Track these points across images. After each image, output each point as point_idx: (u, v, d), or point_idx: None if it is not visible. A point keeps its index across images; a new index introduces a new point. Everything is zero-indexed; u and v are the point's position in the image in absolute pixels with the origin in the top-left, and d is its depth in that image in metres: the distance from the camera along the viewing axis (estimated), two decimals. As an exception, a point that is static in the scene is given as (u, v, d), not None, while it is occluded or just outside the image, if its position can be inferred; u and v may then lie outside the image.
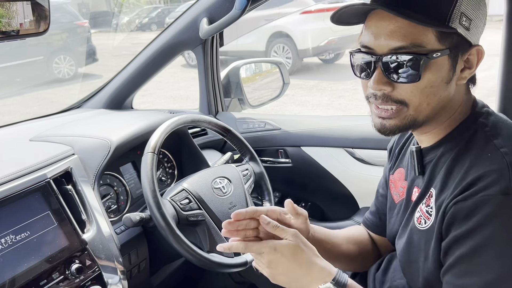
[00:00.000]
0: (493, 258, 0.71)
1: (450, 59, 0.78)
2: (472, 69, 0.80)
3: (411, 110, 0.80)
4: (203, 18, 1.56)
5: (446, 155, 0.83)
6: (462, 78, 0.81)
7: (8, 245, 0.95)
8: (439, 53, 0.76)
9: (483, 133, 0.80)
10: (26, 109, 6.28)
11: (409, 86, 0.78)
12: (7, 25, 0.73)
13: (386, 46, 0.77)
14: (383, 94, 0.80)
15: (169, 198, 1.16)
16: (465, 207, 0.73)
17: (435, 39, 0.76)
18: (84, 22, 9.08)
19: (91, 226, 1.10)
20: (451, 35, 0.76)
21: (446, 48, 0.76)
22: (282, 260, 0.83)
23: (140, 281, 1.32)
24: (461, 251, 0.74)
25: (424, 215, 0.85)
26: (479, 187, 0.72)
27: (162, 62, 1.73)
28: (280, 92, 2.06)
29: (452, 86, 0.80)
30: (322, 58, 8.10)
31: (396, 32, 0.76)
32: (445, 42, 0.76)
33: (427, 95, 0.78)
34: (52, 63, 8.15)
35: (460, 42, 0.77)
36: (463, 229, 0.74)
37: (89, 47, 8.73)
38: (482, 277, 0.72)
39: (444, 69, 0.78)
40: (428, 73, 0.76)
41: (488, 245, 0.71)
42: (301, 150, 1.70)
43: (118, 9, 14.29)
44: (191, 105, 6.15)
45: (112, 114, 1.74)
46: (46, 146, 1.25)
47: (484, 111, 0.84)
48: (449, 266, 0.77)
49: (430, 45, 0.76)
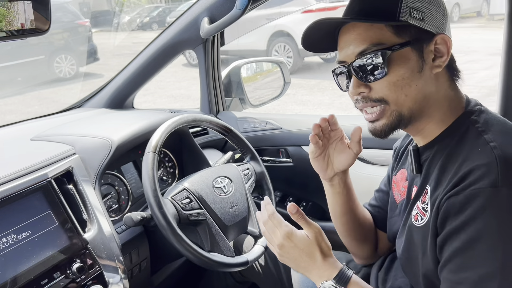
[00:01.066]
0: (486, 251, 0.72)
1: (414, 50, 0.82)
2: (444, 57, 0.83)
3: (393, 106, 0.84)
4: (204, 17, 1.56)
5: (440, 152, 0.85)
6: (436, 66, 0.83)
7: (10, 244, 0.95)
8: (399, 46, 0.80)
9: (474, 129, 0.81)
10: (27, 109, 6.28)
11: (382, 83, 0.83)
12: (9, 24, 0.73)
13: (352, 54, 0.85)
14: (362, 96, 0.86)
15: (170, 198, 1.17)
16: (457, 201, 0.75)
17: (393, 35, 0.81)
18: (85, 21, 9.08)
19: (92, 226, 1.10)
20: (407, 28, 0.81)
21: (406, 41, 0.81)
22: (293, 249, 0.92)
23: (141, 280, 1.33)
24: (455, 245, 0.75)
25: (420, 211, 0.86)
26: (470, 181, 0.74)
27: (163, 62, 1.73)
28: (281, 91, 2.06)
29: (426, 75, 0.83)
30: (323, 57, 8.10)
31: (356, 39, 0.83)
32: (403, 35, 0.81)
33: (401, 87, 0.82)
34: (53, 62, 8.16)
35: (419, 34, 0.82)
36: (455, 223, 0.75)
37: (90, 46, 8.73)
38: (477, 271, 0.72)
39: (411, 60, 0.82)
40: (395, 66, 0.81)
41: (480, 238, 0.72)
42: (302, 149, 1.70)
43: (119, 8, 14.30)
44: (192, 104, 6.15)
45: (113, 113, 1.74)
46: (47, 146, 1.25)
47: (476, 109, 0.85)
48: (445, 261, 0.78)
49: (390, 41, 0.81)
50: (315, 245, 0.91)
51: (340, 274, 0.88)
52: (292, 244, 0.91)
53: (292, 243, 0.91)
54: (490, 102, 0.93)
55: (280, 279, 1.36)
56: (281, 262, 0.98)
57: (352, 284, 0.88)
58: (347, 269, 0.90)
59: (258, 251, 1.25)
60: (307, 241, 0.91)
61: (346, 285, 0.87)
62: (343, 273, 0.89)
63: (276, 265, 1.38)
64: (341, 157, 1.05)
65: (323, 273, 0.89)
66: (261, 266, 1.40)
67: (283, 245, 0.92)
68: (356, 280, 0.89)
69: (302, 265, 0.92)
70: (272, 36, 7.56)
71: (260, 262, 1.40)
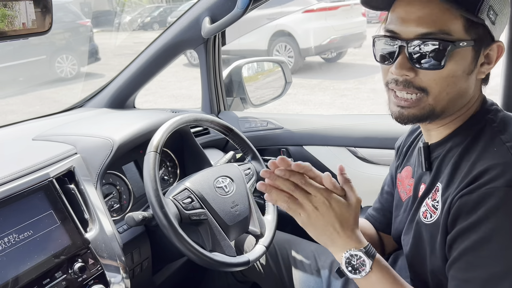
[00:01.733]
0: (498, 251, 0.71)
1: (473, 51, 0.78)
2: (491, 64, 0.81)
3: (431, 99, 0.80)
4: (205, 17, 1.56)
5: (453, 150, 0.84)
6: (481, 72, 0.82)
7: (11, 244, 0.95)
8: (465, 43, 0.76)
9: (490, 128, 0.80)
10: (29, 108, 6.29)
11: (432, 73, 0.78)
12: (10, 24, 0.73)
13: (413, 32, 0.77)
14: (405, 79, 0.80)
15: (172, 197, 1.16)
16: (470, 200, 0.73)
17: (463, 28, 0.76)
18: (86, 21, 9.09)
19: (93, 225, 1.10)
20: (477, 26, 0.77)
21: (471, 39, 0.77)
22: (327, 212, 0.83)
23: (143, 280, 1.33)
24: (466, 244, 0.74)
25: (430, 209, 0.85)
26: (485, 180, 0.73)
27: (164, 61, 1.73)
28: (282, 91, 2.06)
29: (472, 79, 0.81)
30: (324, 57, 8.10)
31: (425, 18, 0.76)
32: (471, 33, 0.77)
33: (448, 84, 0.78)
34: (54, 62, 8.17)
35: (484, 35, 0.78)
36: (467, 222, 0.74)
37: (91, 46, 8.74)
38: (487, 270, 0.72)
39: (467, 60, 0.78)
40: (452, 62, 0.77)
41: (492, 238, 0.71)
42: (303, 149, 1.70)
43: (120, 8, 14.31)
44: (193, 104, 6.16)
45: (115, 113, 1.74)
46: (48, 145, 1.25)
47: (493, 108, 0.85)
48: (453, 260, 0.77)
49: (457, 34, 0.76)
50: (352, 213, 0.85)
51: (368, 248, 0.84)
52: (329, 207, 0.83)
53: (329, 206, 0.83)
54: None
55: (282, 279, 1.36)
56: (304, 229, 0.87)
57: (378, 260, 0.85)
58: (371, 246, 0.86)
59: (259, 251, 1.25)
60: (345, 206, 0.85)
61: (374, 259, 0.84)
62: (370, 248, 0.85)
63: (278, 265, 1.38)
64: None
65: (350, 242, 0.84)
66: (263, 265, 1.40)
67: (319, 206, 0.83)
68: (381, 258, 0.86)
69: (328, 232, 0.84)
70: (273, 36, 7.56)
71: (262, 261, 1.40)
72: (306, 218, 0.84)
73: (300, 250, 1.37)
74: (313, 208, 0.84)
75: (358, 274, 0.83)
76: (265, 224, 1.33)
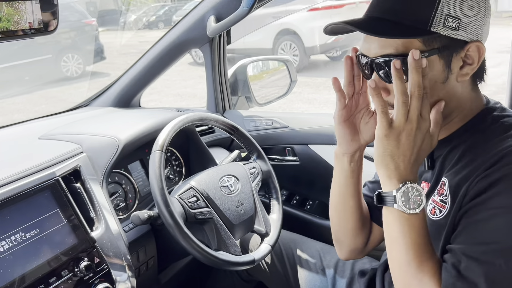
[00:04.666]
0: (504, 227, 0.70)
1: (441, 59, 0.78)
2: (473, 65, 0.79)
3: None
4: (211, 16, 1.56)
5: (458, 147, 0.83)
6: (463, 75, 0.80)
7: (18, 242, 0.95)
8: (426, 54, 0.76)
9: (499, 124, 0.80)
10: (35, 108, 6.32)
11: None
12: (17, 24, 0.74)
13: (374, 52, 0.81)
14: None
15: (177, 196, 1.17)
16: (487, 181, 0.72)
17: (420, 43, 0.77)
18: (92, 21, 9.12)
19: (99, 224, 1.11)
20: (438, 37, 0.76)
21: (433, 49, 0.76)
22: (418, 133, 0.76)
23: (148, 278, 1.33)
24: (472, 218, 0.73)
25: (438, 204, 0.84)
26: (503, 163, 0.72)
27: (169, 60, 1.73)
28: (287, 90, 2.05)
29: (451, 84, 0.80)
30: (330, 55, 8.07)
31: (380, 42, 0.79)
32: (432, 43, 0.76)
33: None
34: (60, 61, 8.20)
35: (450, 42, 0.77)
36: (479, 199, 0.73)
37: (97, 45, 8.77)
38: (489, 245, 0.70)
39: (435, 69, 0.78)
40: None
41: (500, 213, 0.70)
42: (309, 148, 1.70)
43: (126, 7, 14.34)
44: (198, 103, 6.16)
45: (120, 112, 1.74)
46: (55, 144, 1.26)
47: (498, 106, 0.85)
48: (457, 233, 0.76)
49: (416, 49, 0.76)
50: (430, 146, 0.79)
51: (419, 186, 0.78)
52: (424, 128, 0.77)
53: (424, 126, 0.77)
54: (499, 99, 0.92)
55: (287, 278, 1.36)
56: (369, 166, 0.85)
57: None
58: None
59: (264, 250, 1.25)
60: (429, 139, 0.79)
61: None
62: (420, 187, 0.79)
63: (283, 264, 1.38)
64: (368, 128, 0.95)
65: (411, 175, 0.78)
66: (268, 264, 1.40)
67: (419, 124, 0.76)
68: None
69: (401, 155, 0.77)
70: (278, 35, 7.54)
71: (267, 260, 1.40)
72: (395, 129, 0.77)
73: (306, 249, 1.36)
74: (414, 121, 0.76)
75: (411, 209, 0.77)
76: (270, 223, 1.33)
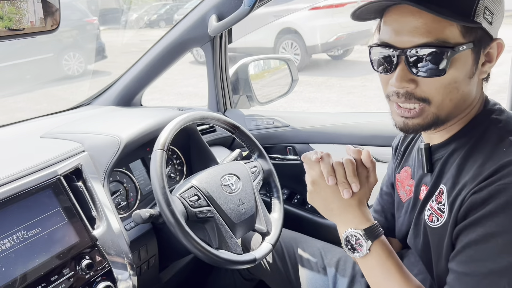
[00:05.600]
0: (502, 246, 0.70)
1: (473, 54, 0.77)
2: (492, 62, 0.80)
3: (434, 108, 0.79)
4: (212, 15, 1.56)
5: (457, 151, 0.83)
6: (483, 72, 0.80)
7: (20, 241, 0.96)
8: (464, 47, 0.75)
9: (496, 129, 0.79)
10: (36, 106, 6.33)
11: (433, 82, 0.76)
12: (18, 23, 0.74)
13: (409, 42, 0.75)
14: (406, 92, 0.79)
15: (178, 195, 1.17)
16: (480, 197, 0.72)
17: (459, 33, 0.75)
18: (93, 19, 9.11)
19: (101, 223, 1.11)
20: (475, 29, 0.75)
21: (470, 42, 0.76)
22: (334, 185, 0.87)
23: (150, 277, 1.33)
24: (470, 237, 0.73)
25: (435, 212, 0.84)
26: (496, 177, 0.72)
27: (171, 59, 1.73)
28: (288, 88, 2.05)
29: (474, 80, 0.80)
30: (331, 54, 8.06)
31: (420, 28, 0.74)
32: (469, 36, 0.75)
33: (450, 90, 0.77)
34: (61, 60, 8.20)
35: (483, 36, 0.77)
36: (475, 216, 0.73)
37: (98, 44, 8.76)
38: (487, 265, 0.71)
39: (467, 64, 0.77)
40: (453, 68, 0.76)
41: (497, 233, 0.70)
42: (310, 147, 1.70)
43: (127, 6, 14.34)
44: (200, 102, 6.16)
45: (122, 111, 1.74)
46: (56, 143, 1.26)
47: (496, 108, 0.84)
48: (456, 252, 0.76)
49: (455, 40, 0.74)
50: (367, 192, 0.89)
51: (372, 228, 0.85)
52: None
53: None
54: (500, 99, 0.91)
55: (288, 277, 1.36)
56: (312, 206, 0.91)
57: (379, 242, 0.85)
58: (379, 226, 0.86)
59: (265, 249, 1.25)
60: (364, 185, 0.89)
61: (374, 240, 0.84)
62: (375, 227, 0.86)
63: (284, 263, 1.38)
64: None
65: (353, 220, 0.86)
66: (269, 263, 1.40)
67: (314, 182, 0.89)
68: (385, 240, 0.86)
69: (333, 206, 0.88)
70: (279, 34, 7.54)
71: (268, 259, 1.40)
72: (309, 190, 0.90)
73: (307, 248, 1.37)
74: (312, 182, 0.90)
75: (355, 254, 0.86)
76: (271, 222, 1.33)
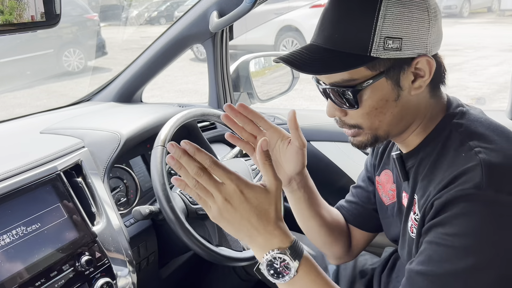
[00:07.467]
0: (459, 249, 0.70)
1: (389, 80, 0.77)
2: (425, 77, 0.77)
3: (368, 130, 0.82)
4: (213, 11, 1.55)
5: (425, 160, 0.83)
6: (416, 88, 0.78)
7: (19, 236, 0.95)
8: (371, 81, 0.76)
9: (457, 134, 0.79)
10: (36, 102, 6.32)
11: (356, 112, 0.80)
12: (19, 17, 0.73)
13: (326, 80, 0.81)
14: (339, 119, 0.85)
15: (179, 192, 1.17)
16: (440, 203, 0.73)
17: (365, 68, 0.75)
18: (94, 16, 9.10)
19: (100, 219, 1.11)
20: (383, 59, 0.75)
21: (379, 73, 0.76)
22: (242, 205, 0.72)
23: (149, 273, 1.33)
24: (429, 238, 0.74)
25: (414, 223, 0.85)
26: (455, 184, 0.73)
27: (171, 56, 1.73)
28: (289, 86, 2.05)
29: (404, 100, 0.79)
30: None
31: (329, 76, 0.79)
32: (379, 67, 0.75)
33: (375, 115, 0.79)
34: (62, 56, 8.19)
35: (395, 63, 0.75)
36: (435, 220, 0.74)
37: (98, 41, 8.75)
38: (444, 266, 0.71)
39: (384, 90, 0.77)
40: (366, 99, 0.78)
41: (456, 235, 0.71)
42: (310, 144, 1.69)
43: (128, 2, 14.31)
44: (200, 99, 6.16)
45: (122, 107, 1.74)
46: (56, 139, 1.26)
47: (458, 111, 0.83)
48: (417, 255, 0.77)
49: (362, 76, 0.76)
50: (273, 202, 0.73)
51: (296, 244, 0.74)
52: (243, 198, 0.71)
53: (242, 197, 0.71)
54: (501, 98, 0.91)
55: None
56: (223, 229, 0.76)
57: (305, 260, 0.75)
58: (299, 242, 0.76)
59: (265, 246, 1.24)
60: (263, 196, 0.73)
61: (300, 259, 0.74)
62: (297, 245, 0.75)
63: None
64: (289, 158, 0.95)
65: (272, 240, 0.73)
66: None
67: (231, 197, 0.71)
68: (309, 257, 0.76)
69: (244, 229, 0.73)
70: (280, 31, 7.54)
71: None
72: (217, 211, 0.72)
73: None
74: (223, 200, 0.71)
75: (281, 279, 0.74)
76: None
